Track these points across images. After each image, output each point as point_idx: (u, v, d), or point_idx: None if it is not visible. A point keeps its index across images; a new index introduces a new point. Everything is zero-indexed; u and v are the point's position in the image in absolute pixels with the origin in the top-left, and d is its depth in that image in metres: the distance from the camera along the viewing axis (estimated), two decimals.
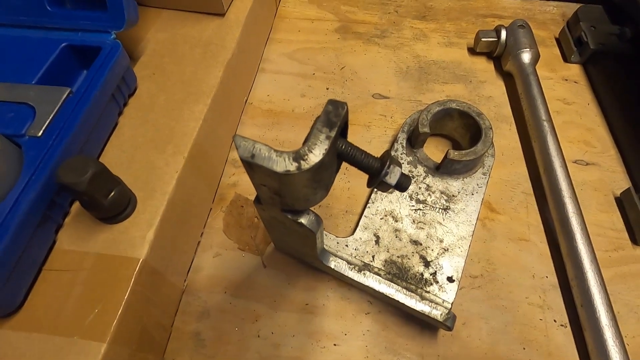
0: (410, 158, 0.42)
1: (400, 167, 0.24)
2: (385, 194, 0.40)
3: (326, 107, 0.21)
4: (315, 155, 0.19)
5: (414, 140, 0.42)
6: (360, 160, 0.23)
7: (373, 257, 0.36)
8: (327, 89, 0.52)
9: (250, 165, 0.20)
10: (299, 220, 0.25)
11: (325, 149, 0.20)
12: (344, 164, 0.24)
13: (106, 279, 0.27)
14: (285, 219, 0.26)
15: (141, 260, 0.28)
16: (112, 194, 0.27)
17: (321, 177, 0.22)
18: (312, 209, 0.26)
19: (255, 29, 0.51)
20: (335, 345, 0.34)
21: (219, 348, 0.34)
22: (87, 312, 0.26)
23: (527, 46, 0.49)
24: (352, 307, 0.36)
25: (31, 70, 0.31)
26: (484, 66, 0.55)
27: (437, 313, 0.32)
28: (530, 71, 0.48)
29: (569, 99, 0.51)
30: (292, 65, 0.55)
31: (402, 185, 0.23)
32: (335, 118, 0.21)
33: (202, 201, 0.39)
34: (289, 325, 0.34)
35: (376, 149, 0.47)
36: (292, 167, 0.19)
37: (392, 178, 0.23)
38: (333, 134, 0.20)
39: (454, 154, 0.38)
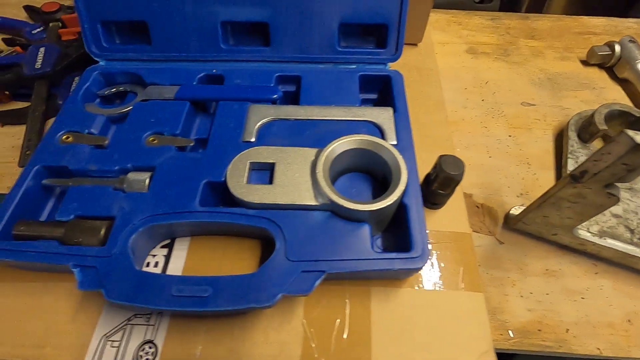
0: (586, 151, 0.52)
1: None
2: None
3: None
4: None
5: (586, 136, 0.52)
6: None
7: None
8: (482, 100, 0.62)
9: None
10: (612, 192, 0.34)
11: None
12: None
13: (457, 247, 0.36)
14: (597, 194, 0.34)
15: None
16: (451, 185, 0.35)
17: None
18: None
19: None
20: (582, 298, 0.42)
21: None
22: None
23: None
24: (582, 269, 0.44)
25: (349, 95, 0.40)
26: (599, 75, 0.66)
27: None
28: None
29: None
30: (444, 82, 0.65)
31: None
32: None
33: None
34: (540, 286, 0.43)
35: (544, 145, 0.56)
36: None
37: None
38: None
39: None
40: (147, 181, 0.33)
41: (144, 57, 0.43)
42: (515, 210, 0.47)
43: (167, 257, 0.34)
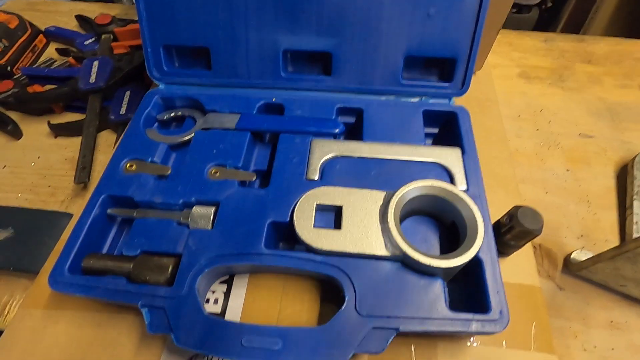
0: None
1: None
2: None
3: None
4: None
5: None
6: None
7: None
8: (537, 129, 0.59)
9: None
10: None
11: None
12: None
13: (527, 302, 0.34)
14: None
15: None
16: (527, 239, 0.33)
17: None
18: None
19: None
20: None
21: None
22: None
23: None
24: None
25: (413, 131, 0.39)
26: None
27: None
28: None
29: None
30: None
31: None
32: None
33: None
34: (605, 340, 0.40)
35: (605, 182, 0.53)
36: None
37: None
38: None
39: None
40: (212, 218, 0.33)
41: (203, 82, 0.43)
42: (578, 255, 0.44)
43: (227, 294, 0.34)
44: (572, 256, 0.44)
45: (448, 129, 0.41)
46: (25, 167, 0.53)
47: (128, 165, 0.37)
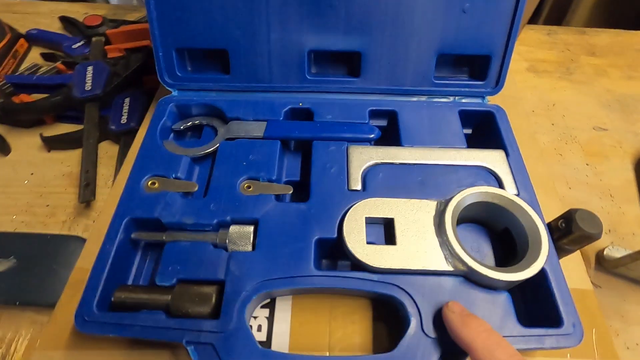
0: None
1: None
2: None
3: None
4: None
5: None
6: None
7: None
8: (552, 124, 0.59)
9: None
10: None
11: None
12: None
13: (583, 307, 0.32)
14: None
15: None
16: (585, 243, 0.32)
17: None
18: None
19: None
20: None
21: None
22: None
23: None
24: None
25: (452, 133, 0.37)
26: None
27: None
28: None
29: None
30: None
31: None
32: None
33: None
34: None
35: (625, 175, 0.52)
36: None
37: None
38: None
39: None
40: (252, 238, 0.30)
41: (220, 87, 0.39)
42: (611, 252, 0.44)
43: (270, 319, 0.31)
44: (605, 253, 0.44)
45: (483, 129, 0.39)
46: (18, 186, 0.48)
47: (150, 182, 0.33)
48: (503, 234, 0.32)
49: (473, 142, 0.40)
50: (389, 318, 0.32)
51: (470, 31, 0.37)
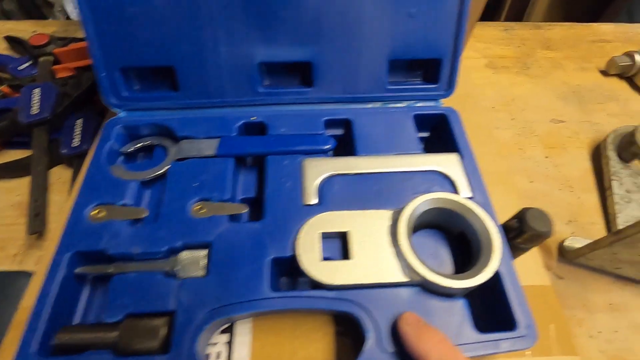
0: (628, 171, 0.50)
1: None
2: None
3: None
4: None
5: (628, 156, 0.51)
6: None
7: None
8: (513, 119, 0.60)
9: None
10: None
11: None
12: None
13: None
14: None
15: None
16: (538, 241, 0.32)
17: None
18: None
19: None
20: None
21: None
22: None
23: None
24: None
25: (407, 139, 0.36)
26: (620, 85, 0.65)
27: None
28: None
29: None
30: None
31: None
32: None
33: None
34: (607, 323, 0.41)
35: (582, 165, 0.53)
36: None
37: None
38: None
39: None
40: (204, 263, 0.29)
41: (170, 106, 0.38)
42: (571, 242, 0.45)
43: (230, 345, 0.30)
44: (565, 244, 0.45)
45: (439, 132, 0.39)
46: None
47: (95, 212, 0.31)
48: (460, 238, 0.32)
49: (431, 145, 0.40)
50: (352, 332, 0.31)
51: (418, 35, 0.37)
